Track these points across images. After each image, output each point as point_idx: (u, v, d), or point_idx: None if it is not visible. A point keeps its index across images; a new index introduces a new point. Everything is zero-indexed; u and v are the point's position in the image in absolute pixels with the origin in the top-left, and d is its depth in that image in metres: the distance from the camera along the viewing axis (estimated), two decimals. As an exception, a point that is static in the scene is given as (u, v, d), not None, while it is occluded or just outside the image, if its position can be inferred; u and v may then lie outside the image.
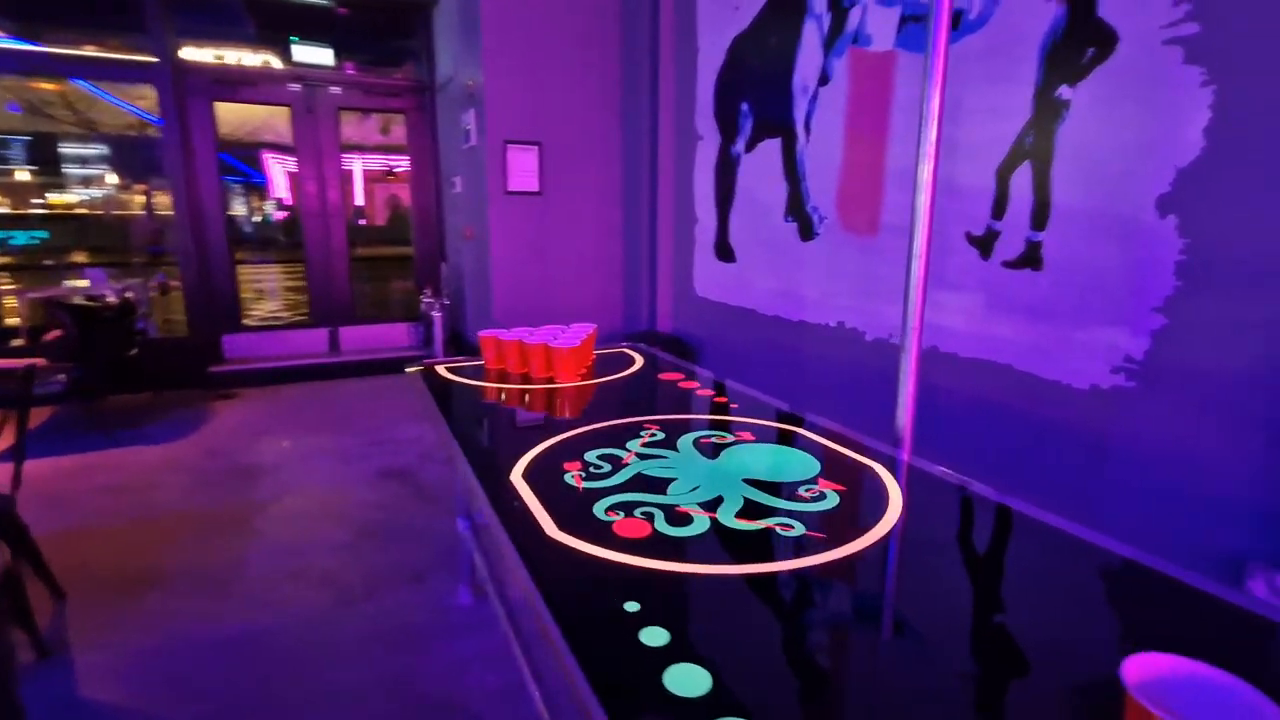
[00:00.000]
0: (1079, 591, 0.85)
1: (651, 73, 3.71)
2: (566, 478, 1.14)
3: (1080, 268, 1.73)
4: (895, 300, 2.31)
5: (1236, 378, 1.45)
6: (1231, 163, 1.42)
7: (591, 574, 0.85)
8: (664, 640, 0.70)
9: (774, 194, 2.88)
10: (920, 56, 2.12)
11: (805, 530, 0.95)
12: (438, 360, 2.03)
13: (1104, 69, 1.63)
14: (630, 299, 4.23)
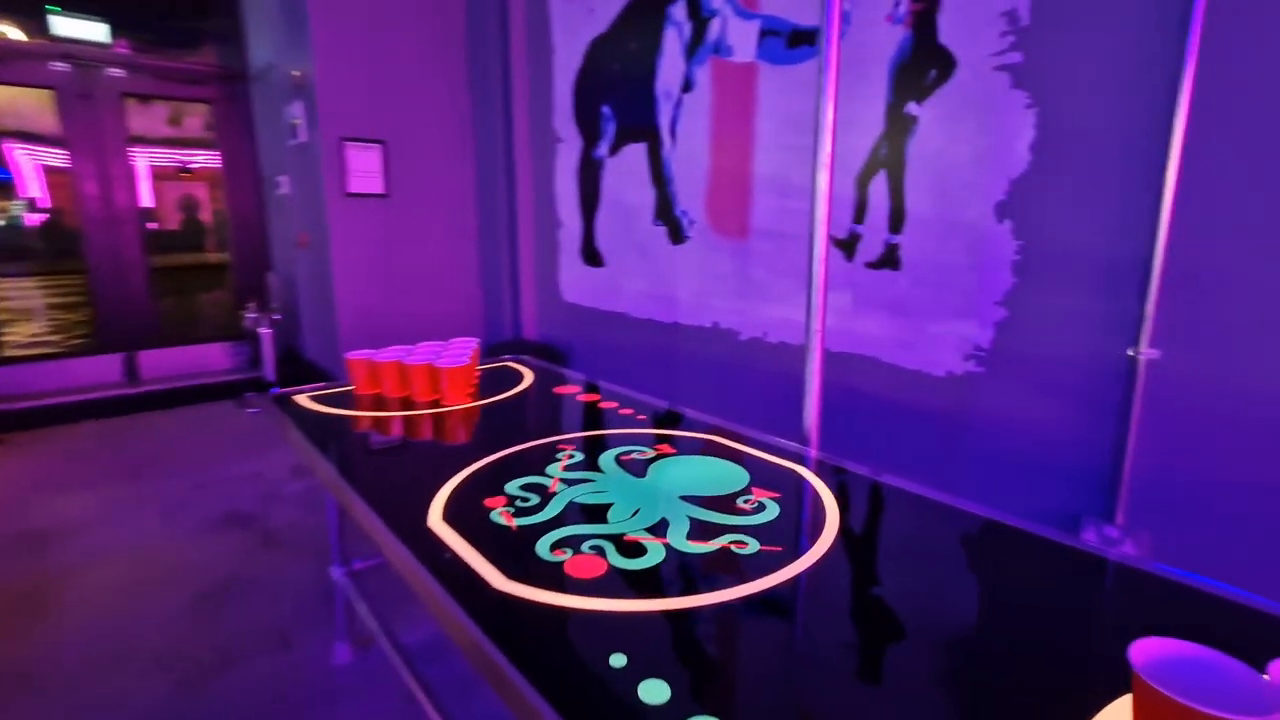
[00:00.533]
0: (990, 556, 0.93)
1: (503, 72, 3.56)
2: (493, 515, 1.04)
3: (934, 267, 1.91)
4: (767, 300, 2.42)
5: (1065, 360, 1.68)
6: (1053, 174, 1.65)
7: (558, 628, 0.77)
8: (666, 696, 0.65)
9: (641, 198, 2.89)
10: (779, 68, 2.23)
11: (760, 546, 0.94)
12: (296, 390, 1.78)
13: (945, 89, 1.82)
14: (491, 307, 4.06)
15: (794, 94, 2.21)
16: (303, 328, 4.37)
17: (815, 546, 0.94)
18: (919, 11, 1.85)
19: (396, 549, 0.95)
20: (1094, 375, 1.63)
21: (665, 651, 0.74)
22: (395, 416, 1.57)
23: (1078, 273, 1.63)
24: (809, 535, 0.98)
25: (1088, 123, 1.57)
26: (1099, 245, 1.59)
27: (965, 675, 0.71)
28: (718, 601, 0.81)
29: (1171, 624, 0.76)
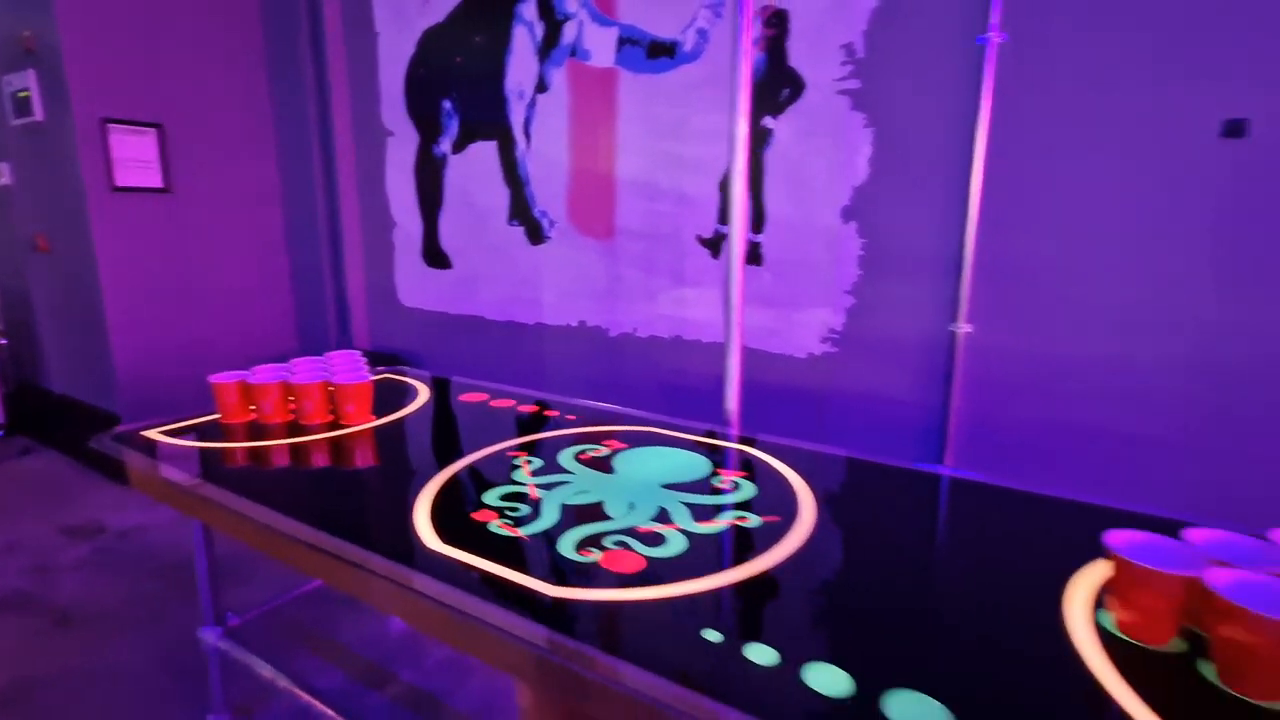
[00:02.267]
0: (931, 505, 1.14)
1: (314, 55, 3.22)
2: (493, 528, 1.00)
3: (792, 263, 2.18)
4: (636, 298, 2.54)
5: (902, 337, 2.03)
6: (887, 182, 1.97)
7: (637, 619, 0.80)
8: (775, 658, 0.72)
9: (494, 198, 2.83)
10: (640, 76, 2.35)
11: (761, 518, 1.04)
12: (137, 427, 1.48)
13: (796, 107, 2.08)
14: (308, 317, 3.64)
15: (656, 101, 2.34)
16: (44, 354, 3.52)
17: (803, 512, 1.07)
18: (771, 37, 2.08)
19: (409, 581, 0.88)
20: (924, 348, 2.00)
21: (748, 619, 0.80)
22: (311, 442, 1.40)
23: (909, 264, 1.98)
24: (794, 503, 1.10)
25: (912, 140, 1.92)
26: (924, 241, 1.95)
27: (951, 569, 0.88)
28: (764, 569, 0.89)
29: (1035, 517, 1.01)
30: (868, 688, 0.66)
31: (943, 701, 0.64)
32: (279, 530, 1.06)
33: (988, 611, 0.81)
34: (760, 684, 0.68)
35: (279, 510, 1.09)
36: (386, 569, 0.91)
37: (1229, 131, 1.56)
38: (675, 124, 2.32)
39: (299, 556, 1.05)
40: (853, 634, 0.78)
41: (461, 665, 1.85)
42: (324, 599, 2.13)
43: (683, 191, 2.35)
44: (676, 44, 2.25)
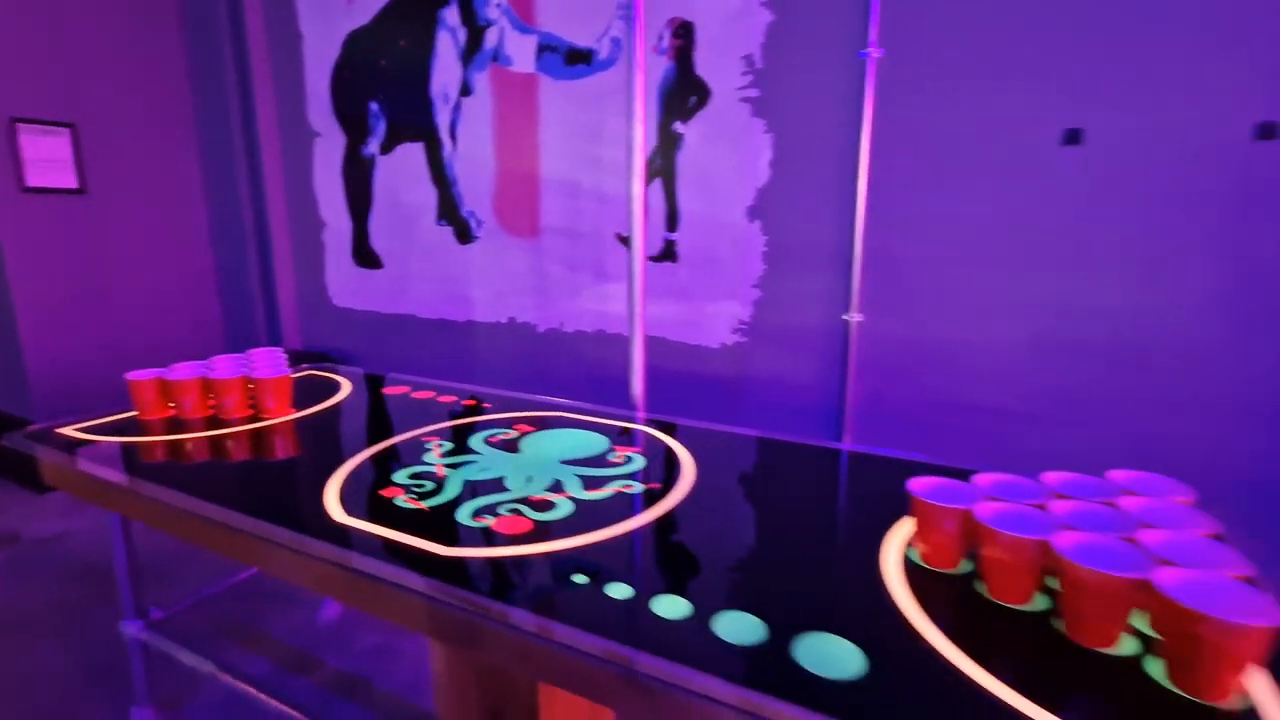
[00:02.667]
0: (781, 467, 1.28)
1: (237, 56, 3.20)
2: (398, 503, 1.10)
3: (705, 259, 2.32)
4: (562, 295, 2.64)
5: (803, 326, 2.20)
6: (787, 184, 2.13)
7: (521, 571, 0.91)
8: (630, 593, 0.84)
9: (422, 198, 2.89)
10: (560, 82, 2.45)
11: (643, 485, 1.17)
12: (49, 426, 1.51)
13: (704, 113, 2.22)
14: (236, 318, 3.61)
15: (575, 106, 2.45)
16: (-48, 360, 3.38)
17: (682, 479, 1.20)
18: (678, 47, 2.22)
19: (313, 550, 0.97)
20: (823, 336, 2.17)
21: (608, 567, 0.92)
22: (230, 434, 1.45)
23: (807, 259, 2.15)
24: (672, 472, 1.23)
25: (807, 144, 2.08)
26: (820, 237, 2.12)
27: (801, 525, 1.02)
28: (634, 527, 1.02)
29: (896, 477, 1.17)
30: (702, 611, 0.79)
31: (760, 615, 0.77)
32: (195, 514, 1.12)
33: (823, 552, 0.96)
34: (616, 614, 0.80)
35: (196, 496, 1.15)
36: (292, 540, 1.00)
37: (1068, 139, 1.77)
38: (593, 127, 2.43)
39: (216, 538, 1.12)
40: (702, 574, 0.91)
41: (389, 650, 1.92)
42: (250, 593, 2.16)
43: (603, 191, 2.46)
44: (593, 52, 2.36)
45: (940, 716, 0.63)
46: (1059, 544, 0.73)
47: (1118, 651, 0.71)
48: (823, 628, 0.76)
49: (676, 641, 0.75)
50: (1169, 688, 0.66)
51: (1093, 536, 0.75)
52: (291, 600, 2.16)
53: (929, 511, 0.87)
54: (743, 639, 0.75)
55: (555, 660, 0.78)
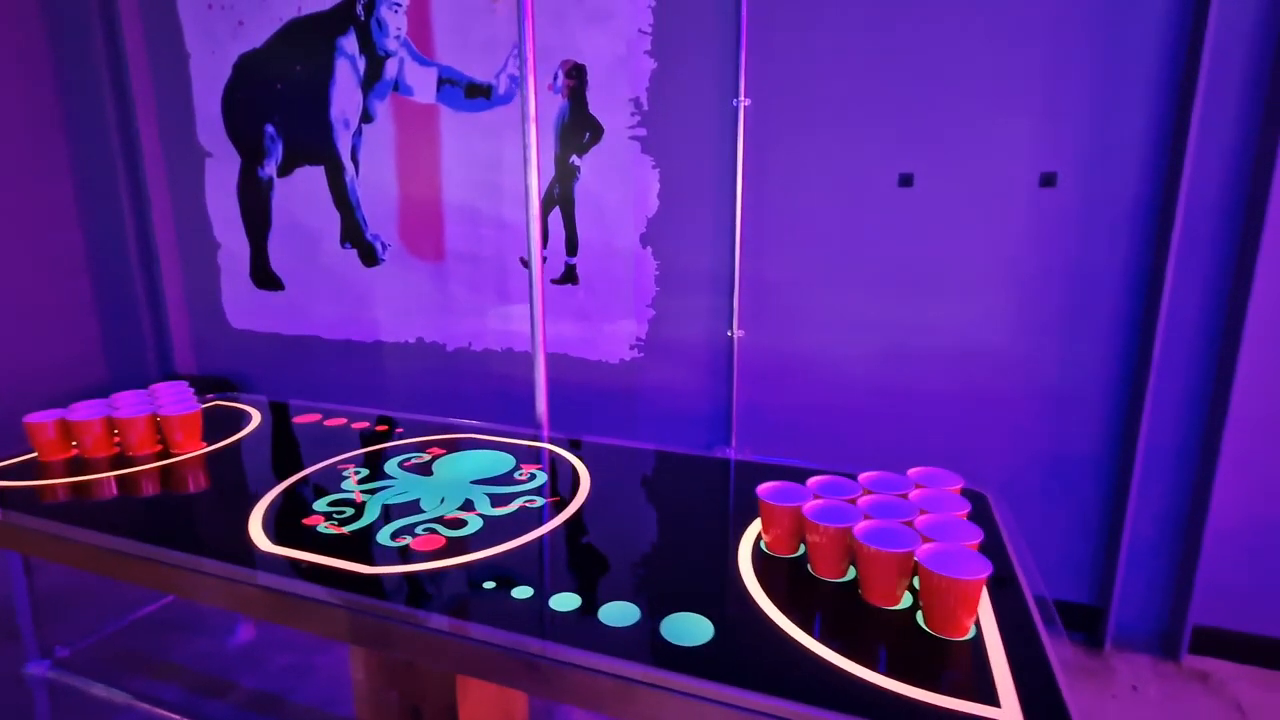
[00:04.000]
0: (669, 476, 1.50)
1: (114, 75, 3.08)
2: (321, 529, 1.21)
3: (602, 281, 2.51)
4: (468, 314, 2.76)
5: (693, 342, 2.44)
6: (674, 213, 2.36)
7: (435, 582, 1.05)
8: (530, 593, 1.01)
9: (323, 221, 2.91)
10: (459, 114, 2.57)
11: (544, 500, 1.34)
12: (-54, 468, 1.49)
13: (598, 148, 2.41)
14: (119, 343, 3.45)
15: (474, 137, 2.57)
16: None
17: (580, 492, 1.38)
18: (571, 86, 2.39)
19: (245, 578, 1.08)
20: (710, 350, 2.42)
21: (512, 573, 1.09)
22: (139, 472, 1.49)
23: (694, 281, 2.39)
24: (572, 486, 1.41)
25: (689, 178, 2.32)
26: (705, 261, 2.36)
27: (679, 526, 1.23)
28: (535, 537, 1.19)
29: (763, 480, 1.40)
30: (590, 603, 0.98)
31: (636, 602, 0.97)
32: (114, 550, 1.19)
33: (692, 548, 1.17)
34: (519, 611, 0.97)
35: (117, 534, 1.22)
36: (223, 569, 1.10)
37: (902, 182, 2.09)
38: (492, 157, 2.57)
39: (137, 572, 1.19)
40: (591, 573, 1.09)
41: (302, 667, 1.99)
42: (155, 626, 2.15)
43: (502, 218, 2.60)
44: (491, 86, 2.50)
45: (766, 668, 0.84)
46: (856, 530, 0.97)
47: (900, 608, 0.96)
48: (685, 608, 0.96)
49: (568, 630, 0.93)
50: (927, 630, 0.90)
51: (883, 522, 0.99)
52: (198, 629, 2.17)
53: (770, 510, 1.10)
54: (621, 622, 0.94)
55: (469, 653, 0.94)
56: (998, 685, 0.80)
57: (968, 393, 2.14)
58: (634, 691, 0.85)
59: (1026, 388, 2.08)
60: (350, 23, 2.66)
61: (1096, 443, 2.05)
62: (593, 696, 0.89)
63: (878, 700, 0.77)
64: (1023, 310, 2.05)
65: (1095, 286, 1.97)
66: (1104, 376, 2.01)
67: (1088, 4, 1.83)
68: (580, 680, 0.88)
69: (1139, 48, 1.82)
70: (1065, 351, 2.03)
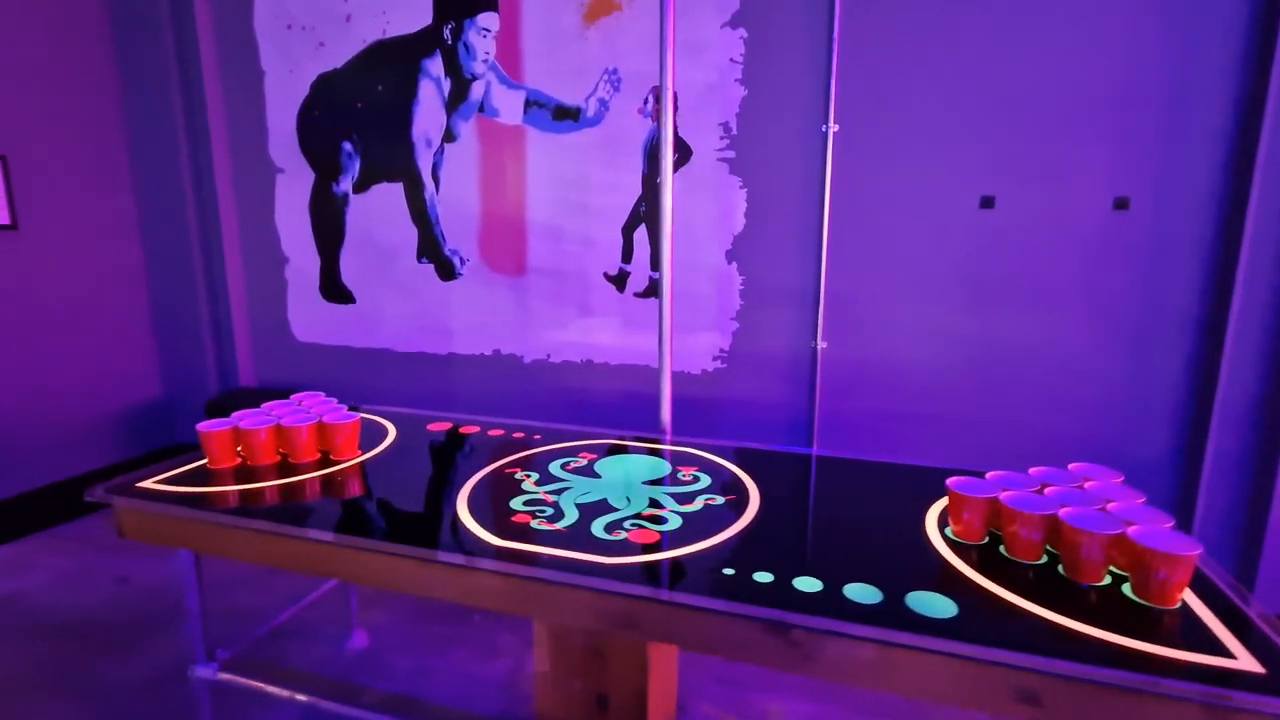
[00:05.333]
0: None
1: (184, 89, 3.13)
2: (535, 525, 1.30)
3: (687, 295, 2.63)
4: (548, 327, 2.85)
5: (776, 353, 2.56)
6: (760, 231, 2.49)
7: (697, 570, 1.15)
8: (770, 578, 1.12)
9: (400, 236, 2.99)
10: (546, 135, 2.68)
11: (723, 498, 1.44)
12: (119, 482, 1.55)
13: (686, 169, 2.54)
14: (177, 358, 3.46)
15: (561, 157, 2.68)
16: None
17: (750, 491, 1.49)
18: (661, 110, 2.52)
19: (495, 569, 1.16)
20: (793, 361, 2.55)
21: (741, 560, 1.19)
22: (321, 476, 1.56)
23: (779, 295, 2.52)
24: (733, 486, 1.52)
25: (777, 199, 2.46)
26: (790, 277, 2.49)
27: (854, 518, 1.34)
28: (739, 529, 1.29)
29: (877, 478, 1.52)
30: (832, 585, 1.09)
31: (873, 584, 1.08)
32: (353, 547, 1.27)
33: (883, 535, 1.28)
34: (768, 593, 1.07)
35: (338, 532, 1.29)
36: (466, 562, 1.18)
37: (984, 203, 2.26)
38: (579, 177, 2.68)
39: (367, 570, 1.27)
40: (813, 559, 1.20)
41: (425, 670, 2.05)
42: (273, 636, 2.18)
43: (588, 235, 2.71)
44: (580, 110, 2.62)
45: (1018, 634, 0.96)
46: (1064, 516, 1.10)
47: (1103, 584, 1.08)
48: (916, 588, 1.08)
49: (822, 607, 1.04)
50: (1137, 600, 1.03)
51: (1085, 509, 1.13)
52: (312, 637, 2.21)
53: (966, 502, 1.22)
54: (867, 599, 1.05)
55: (728, 632, 1.04)
56: (1225, 642, 0.93)
57: (1043, 402, 2.30)
58: (891, 656, 0.96)
59: (1099, 397, 2.25)
60: (436, 46, 2.75)
61: (1165, 448, 2.22)
62: (849, 667, 1.00)
63: (1138, 658, 0.90)
64: (1095, 325, 2.22)
65: (1165, 303, 2.15)
66: (1172, 386, 2.19)
67: (1158, 37, 2.02)
68: (843, 651, 0.99)
69: (1207, 78, 2.01)
70: (1136, 363, 2.20)
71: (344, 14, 2.86)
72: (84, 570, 2.68)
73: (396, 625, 2.28)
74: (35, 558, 2.77)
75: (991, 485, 1.25)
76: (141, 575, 2.64)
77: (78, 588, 2.55)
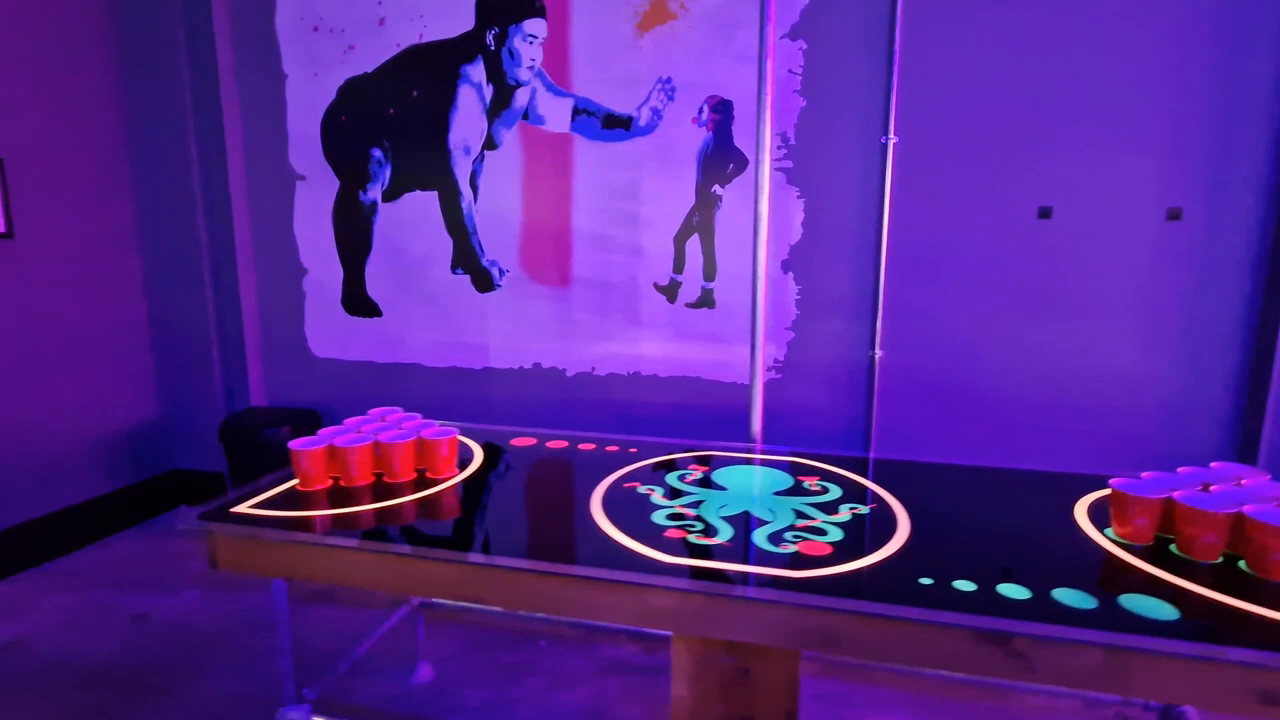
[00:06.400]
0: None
1: (198, 93, 2.96)
2: (692, 540, 1.24)
3: (741, 306, 2.61)
4: (592, 339, 2.78)
5: (832, 362, 2.56)
6: (817, 241, 2.50)
7: (892, 581, 1.11)
8: (973, 586, 1.09)
9: (432, 247, 2.88)
10: (595, 144, 2.63)
11: (869, 506, 1.41)
12: (222, 505, 1.42)
13: (742, 179, 2.53)
14: (178, 377, 3.24)
15: (610, 167, 2.64)
16: None
17: (889, 499, 1.46)
18: (717, 121, 2.51)
19: (669, 585, 1.10)
20: (851, 370, 2.55)
21: (929, 570, 1.15)
22: (433, 494, 1.46)
23: (836, 305, 2.52)
24: (876, 494, 1.48)
25: (835, 209, 2.47)
26: (847, 287, 2.50)
27: (1011, 524, 1.32)
28: (905, 541, 1.25)
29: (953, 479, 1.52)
30: (1040, 591, 1.06)
31: (1080, 589, 1.06)
32: (505, 567, 1.18)
33: (1050, 539, 1.27)
34: (969, 602, 1.04)
35: (483, 550, 1.20)
36: (639, 579, 1.11)
37: (1042, 214, 2.31)
38: (629, 186, 2.63)
39: (523, 594, 1.18)
40: (1006, 565, 1.18)
41: (502, 702, 1.94)
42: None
43: (638, 245, 2.66)
44: (632, 118, 2.58)
45: (1225, 632, 0.95)
46: (1251, 513, 1.11)
47: (1291, 580, 1.09)
48: (1121, 592, 1.06)
49: (1033, 614, 1.01)
50: (1338, 596, 1.04)
51: (1265, 507, 1.13)
52: (374, 672, 2.07)
53: (1136, 503, 1.22)
54: (1081, 604, 1.03)
55: (948, 644, 1.00)
56: None
57: (1098, 407, 2.36)
58: (1124, 661, 0.94)
59: (1152, 402, 2.32)
60: (479, 51, 2.68)
61: (1217, 452, 2.30)
62: (1075, 673, 0.97)
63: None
64: (1150, 332, 2.30)
65: (1216, 311, 2.24)
66: (1223, 392, 2.27)
67: (1207, 54, 2.12)
68: (1070, 658, 0.96)
69: (1256, 94, 2.12)
70: (1188, 370, 2.29)
71: (377, 17, 2.76)
72: (92, 609, 2.45)
73: (459, 656, 2.16)
74: (33, 599, 2.52)
75: (1152, 486, 1.25)
76: (160, 612, 2.43)
77: (90, 629, 2.33)
